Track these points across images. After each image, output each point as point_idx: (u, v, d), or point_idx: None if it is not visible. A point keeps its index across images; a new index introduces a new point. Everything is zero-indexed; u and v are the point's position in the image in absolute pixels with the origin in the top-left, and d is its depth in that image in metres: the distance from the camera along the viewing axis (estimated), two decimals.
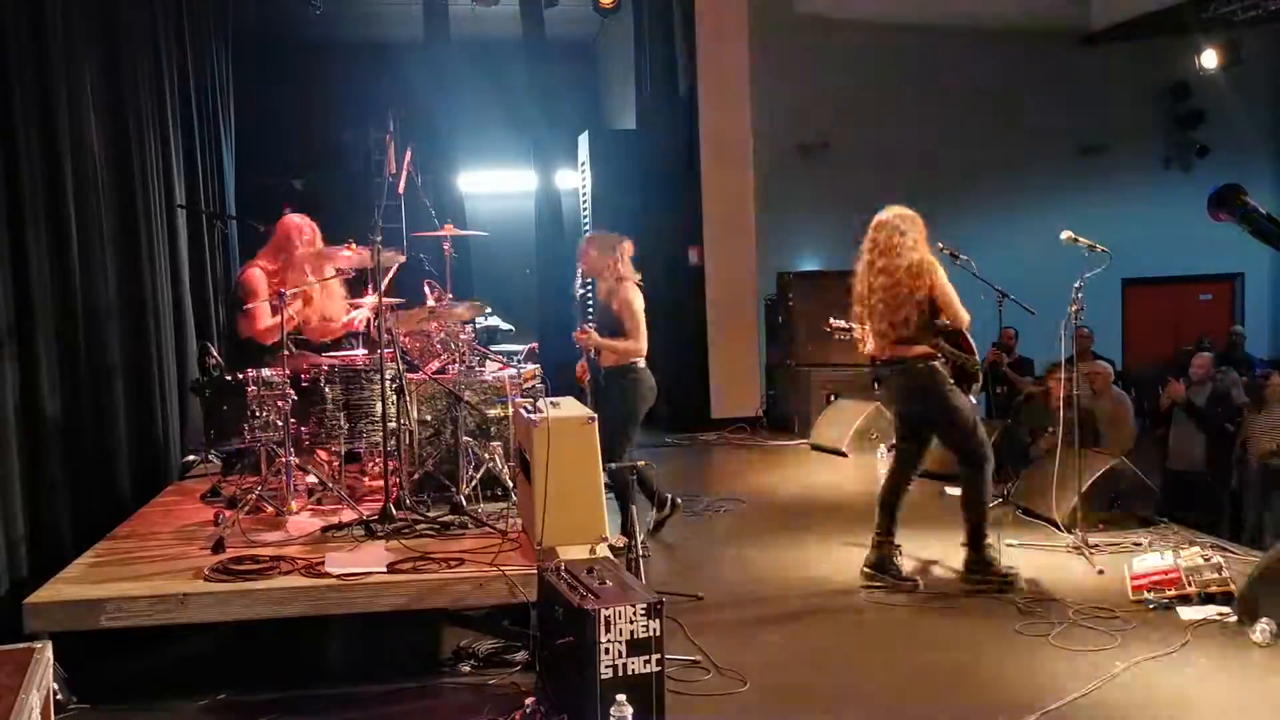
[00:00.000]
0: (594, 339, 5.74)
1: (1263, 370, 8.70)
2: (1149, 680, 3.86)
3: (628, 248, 5.91)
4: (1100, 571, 5.11)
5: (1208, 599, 4.53)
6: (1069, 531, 5.63)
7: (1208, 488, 7.62)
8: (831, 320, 5.34)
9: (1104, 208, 12.19)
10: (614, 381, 5.80)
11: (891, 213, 5.03)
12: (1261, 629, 4.13)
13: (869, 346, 5.12)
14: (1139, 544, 5.54)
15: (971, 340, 5.07)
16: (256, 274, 5.65)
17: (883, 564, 5.04)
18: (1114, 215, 12.07)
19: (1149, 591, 4.63)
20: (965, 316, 4.95)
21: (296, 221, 5.78)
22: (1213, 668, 3.97)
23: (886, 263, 4.92)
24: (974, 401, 5.16)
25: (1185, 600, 4.54)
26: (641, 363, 5.80)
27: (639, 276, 5.91)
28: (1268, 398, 7.36)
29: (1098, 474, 5.84)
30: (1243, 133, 13.37)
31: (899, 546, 5.11)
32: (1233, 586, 4.52)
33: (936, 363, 4.92)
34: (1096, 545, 5.47)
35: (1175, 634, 4.26)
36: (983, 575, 4.94)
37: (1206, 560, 4.64)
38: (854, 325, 5.20)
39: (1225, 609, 4.43)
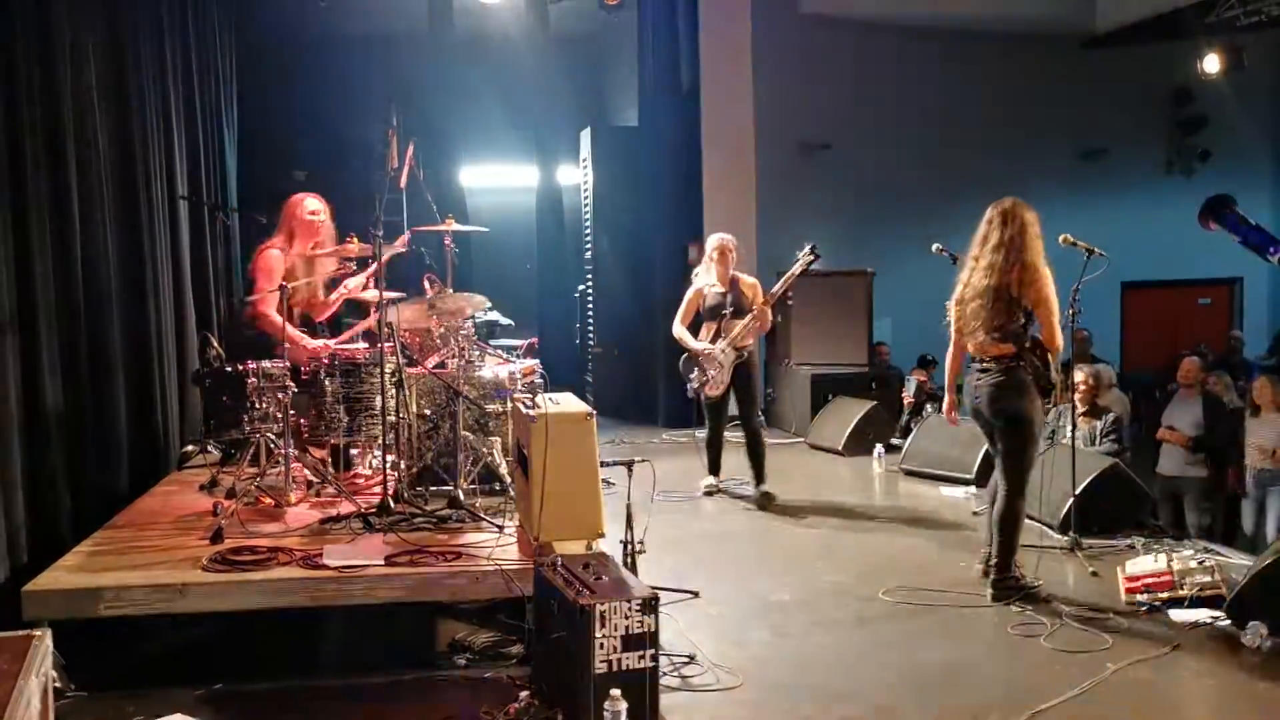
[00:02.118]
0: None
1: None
2: (1141, 682, 3.88)
3: None
4: (1094, 574, 5.14)
5: (1200, 602, 4.54)
6: (1063, 533, 5.65)
7: (1202, 492, 7.63)
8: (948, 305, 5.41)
9: (1105, 211, 12.23)
10: (751, 355, 6.89)
11: (1010, 205, 4.79)
12: (1253, 632, 4.16)
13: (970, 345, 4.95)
14: (1132, 546, 5.57)
15: (1052, 359, 4.88)
16: (270, 254, 5.73)
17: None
18: (1115, 219, 12.11)
19: (1142, 594, 4.65)
20: (1061, 340, 4.81)
21: (298, 197, 5.85)
22: (1204, 670, 3.99)
23: (1000, 260, 4.71)
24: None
25: (1178, 603, 4.56)
26: None
27: None
28: (1257, 402, 7.40)
29: (1092, 476, 5.86)
30: (1244, 138, 13.41)
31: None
32: (1225, 590, 4.53)
33: (1023, 365, 4.75)
34: (1090, 547, 5.50)
35: (1167, 637, 4.28)
36: (1009, 592, 4.78)
37: (1199, 563, 4.66)
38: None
39: (1217, 612, 4.44)
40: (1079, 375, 7.21)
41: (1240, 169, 13.26)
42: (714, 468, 7.13)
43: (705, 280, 6.96)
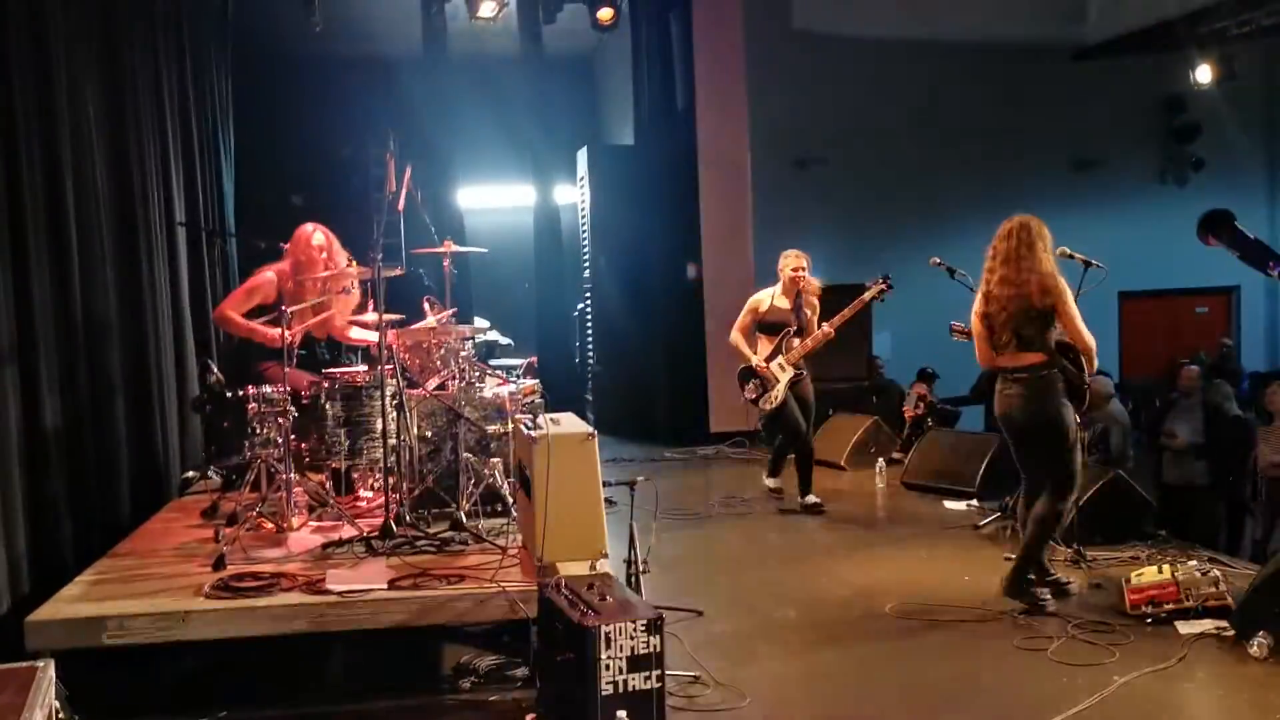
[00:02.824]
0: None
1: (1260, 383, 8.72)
2: (1147, 694, 3.87)
3: None
4: (1098, 585, 5.12)
5: (1205, 613, 4.53)
6: (1067, 545, 5.64)
7: (1204, 501, 7.63)
8: (954, 324, 5.45)
9: (1100, 221, 12.25)
10: (806, 375, 7.08)
11: (1018, 221, 4.90)
12: (1258, 643, 4.14)
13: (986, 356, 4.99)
14: (1137, 558, 5.55)
15: (1084, 361, 4.89)
16: (262, 274, 5.74)
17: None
18: (1110, 229, 12.13)
19: (1147, 605, 4.64)
20: (1092, 341, 4.82)
21: (308, 230, 5.85)
22: (1210, 681, 3.98)
23: (1013, 274, 4.80)
24: (1079, 421, 4.96)
25: (1183, 614, 4.55)
26: None
27: None
28: (1271, 409, 7.37)
29: (1095, 488, 5.86)
30: (1237, 146, 13.47)
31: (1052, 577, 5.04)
32: (1230, 600, 4.53)
33: (1054, 372, 4.79)
34: (1094, 559, 5.49)
35: (1173, 648, 4.27)
36: (1022, 592, 4.83)
37: (1204, 574, 4.65)
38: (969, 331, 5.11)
39: (1223, 623, 4.43)
40: None
41: (1233, 177, 13.33)
42: (774, 471, 7.45)
43: (770, 295, 7.08)
